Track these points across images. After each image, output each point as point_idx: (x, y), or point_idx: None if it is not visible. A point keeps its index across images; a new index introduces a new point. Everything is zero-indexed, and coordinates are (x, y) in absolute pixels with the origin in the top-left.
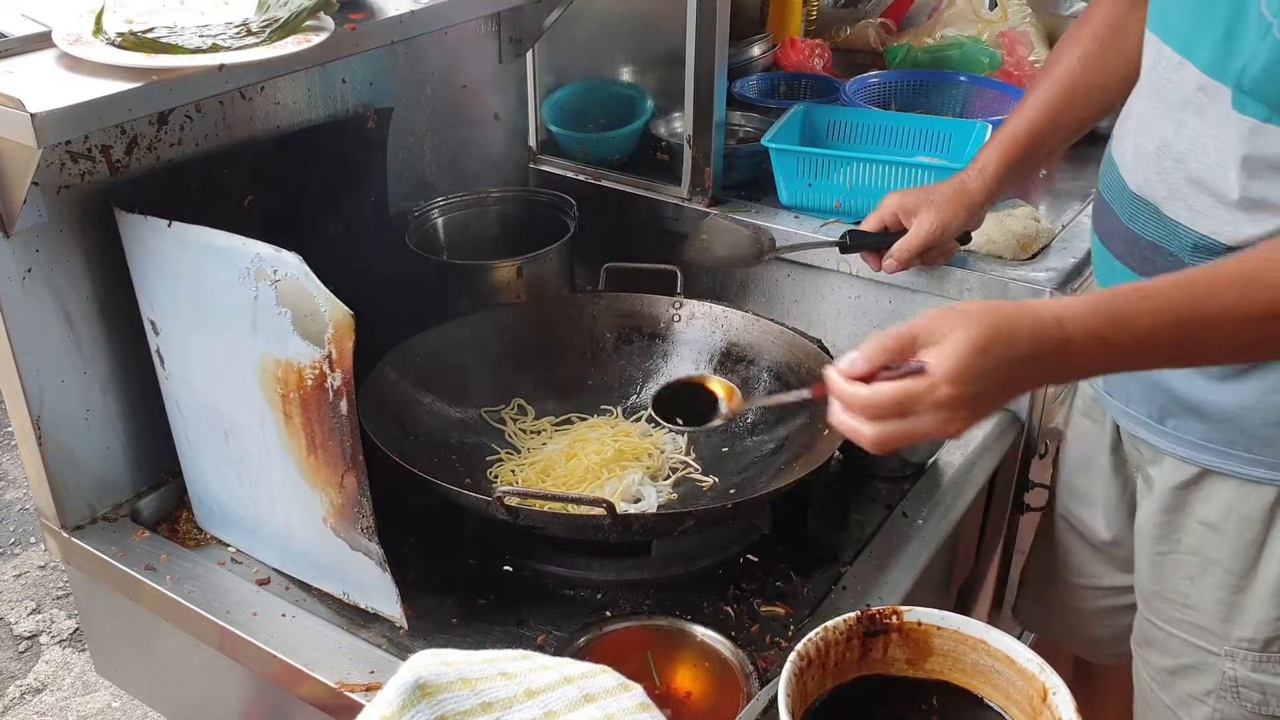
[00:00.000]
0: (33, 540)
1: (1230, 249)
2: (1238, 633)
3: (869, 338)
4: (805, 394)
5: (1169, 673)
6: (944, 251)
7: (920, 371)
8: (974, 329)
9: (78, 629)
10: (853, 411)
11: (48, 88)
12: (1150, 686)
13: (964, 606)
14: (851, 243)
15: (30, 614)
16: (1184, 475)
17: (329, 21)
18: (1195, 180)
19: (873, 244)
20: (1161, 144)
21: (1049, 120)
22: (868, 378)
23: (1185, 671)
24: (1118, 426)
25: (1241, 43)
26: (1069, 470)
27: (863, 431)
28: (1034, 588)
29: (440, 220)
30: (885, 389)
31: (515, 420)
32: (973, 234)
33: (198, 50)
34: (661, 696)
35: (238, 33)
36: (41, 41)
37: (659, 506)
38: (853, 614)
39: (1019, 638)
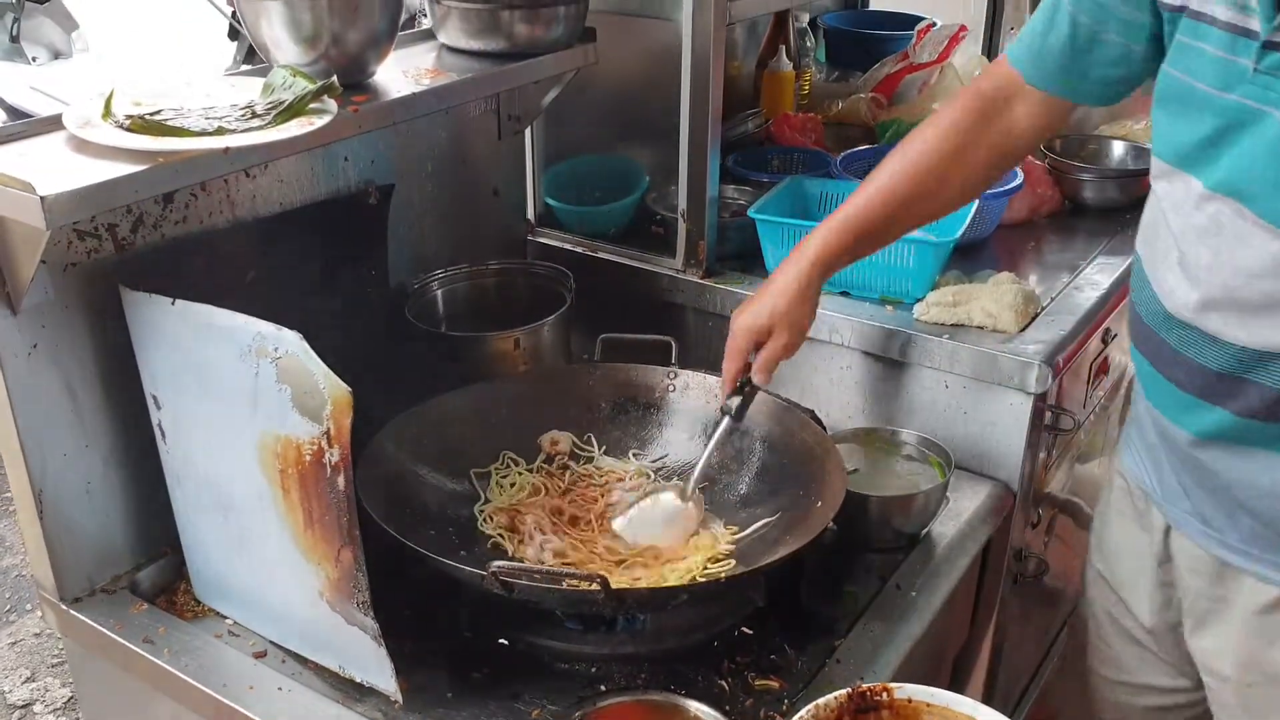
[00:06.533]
0: (28, 607)
1: None
2: None
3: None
4: None
5: None
6: None
7: None
8: None
9: (72, 698)
10: None
11: (57, 170)
12: None
13: (959, 677)
14: (737, 413)
15: (25, 682)
16: (1267, 597)
17: (331, 104)
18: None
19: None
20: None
21: (884, 219)
22: None
23: None
24: (1167, 529)
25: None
26: (1107, 561)
27: None
28: (1072, 678)
29: (440, 292)
30: None
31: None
32: (972, 310)
33: (203, 133)
34: None
35: (243, 115)
36: (52, 124)
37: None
38: (844, 691)
39: (1012, 713)
